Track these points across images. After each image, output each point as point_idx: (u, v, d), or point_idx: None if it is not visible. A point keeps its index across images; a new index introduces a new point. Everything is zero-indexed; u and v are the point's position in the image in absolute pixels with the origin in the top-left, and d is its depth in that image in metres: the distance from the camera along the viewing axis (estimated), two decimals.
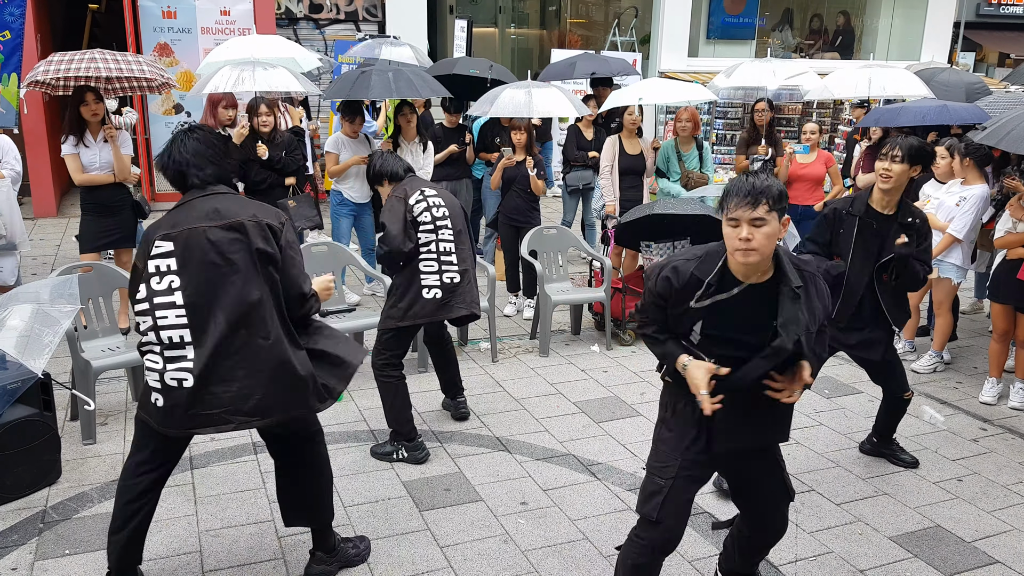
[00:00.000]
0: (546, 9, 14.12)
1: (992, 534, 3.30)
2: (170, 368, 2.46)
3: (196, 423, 2.49)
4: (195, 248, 2.45)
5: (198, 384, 2.44)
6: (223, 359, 2.45)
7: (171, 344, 2.45)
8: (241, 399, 2.48)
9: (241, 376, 2.47)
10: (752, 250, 2.20)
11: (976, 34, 15.54)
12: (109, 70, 4.83)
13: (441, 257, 3.77)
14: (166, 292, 2.44)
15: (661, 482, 2.41)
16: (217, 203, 2.52)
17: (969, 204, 4.72)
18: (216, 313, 2.44)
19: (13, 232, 4.69)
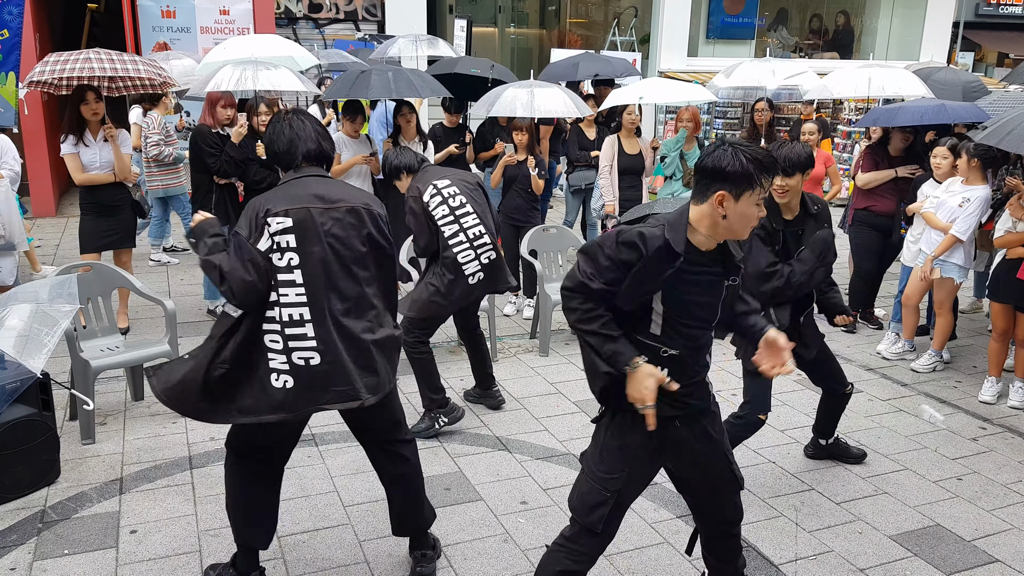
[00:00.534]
0: (546, 9, 14.12)
1: (992, 533, 3.30)
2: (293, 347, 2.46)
3: (332, 399, 2.51)
4: (312, 227, 2.47)
5: (324, 362, 2.47)
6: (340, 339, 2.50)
7: (291, 322, 2.46)
8: (358, 377, 2.52)
9: (355, 356, 2.52)
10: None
11: (975, 34, 15.55)
12: (104, 70, 4.82)
13: (475, 242, 3.93)
14: (286, 270, 2.45)
15: (607, 494, 2.27)
16: (327, 186, 2.58)
17: (973, 205, 4.72)
18: (330, 295, 2.49)
19: (12, 232, 4.69)
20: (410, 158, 4.08)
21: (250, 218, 2.48)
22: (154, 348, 4.10)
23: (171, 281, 6.60)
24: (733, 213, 2.14)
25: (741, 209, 2.14)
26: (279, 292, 2.46)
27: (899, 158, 5.69)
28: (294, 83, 5.65)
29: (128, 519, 3.23)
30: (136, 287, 4.19)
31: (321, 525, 3.22)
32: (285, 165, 2.63)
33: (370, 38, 10.13)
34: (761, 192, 2.14)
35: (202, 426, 4.04)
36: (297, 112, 2.69)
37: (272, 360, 2.47)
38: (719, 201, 2.14)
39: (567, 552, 2.33)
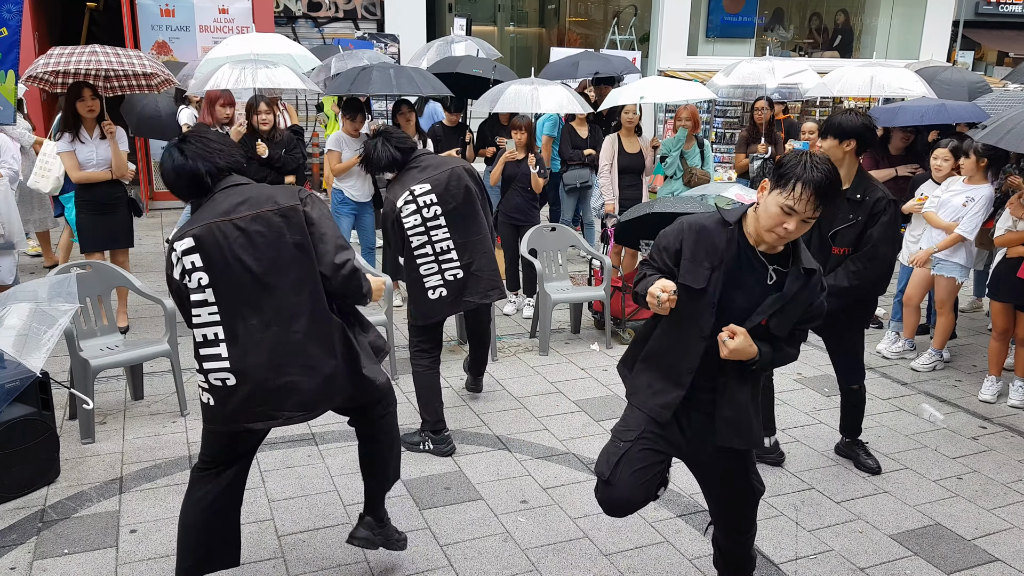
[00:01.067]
0: (545, 7, 14.11)
1: (992, 532, 3.30)
2: (208, 368, 2.39)
3: (249, 419, 2.43)
4: (216, 242, 2.33)
5: (239, 383, 2.38)
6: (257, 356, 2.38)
7: (206, 342, 2.38)
8: (283, 396, 2.41)
9: (277, 372, 2.40)
10: (787, 239, 2.21)
11: (975, 33, 15.55)
12: (111, 63, 4.80)
13: (440, 257, 3.72)
14: (198, 290, 2.34)
15: (620, 444, 2.40)
16: (234, 196, 2.41)
17: (978, 205, 4.71)
18: (243, 309, 2.36)
19: (11, 231, 4.68)
20: (387, 153, 3.67)
21: (168, 252, 2.41)
22: (154, 347, 4.10)
23: None
24: (763, 204, 2.21)
25: (769, 202, 2.19)
26: (192, 314, 2.37)
27: (899, 157, 5.69)
28: (293, 81, 5.65)
29: (128, 518, 3.22)
30: (136, 286, 4.19)
31: (321, 524, 3.22)
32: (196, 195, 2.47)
33: (369, 36, 10.11)
34: (787, 199, 2.14)
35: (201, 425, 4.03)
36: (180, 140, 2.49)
37: (199, 380, 2.44)
38: (761, 187, 2.24)
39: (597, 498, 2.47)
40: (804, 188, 2.12)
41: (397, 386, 4.58)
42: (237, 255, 2.34)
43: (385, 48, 10.06)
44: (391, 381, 2.78)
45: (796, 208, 2.15)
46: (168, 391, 4.37)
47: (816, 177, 2.12)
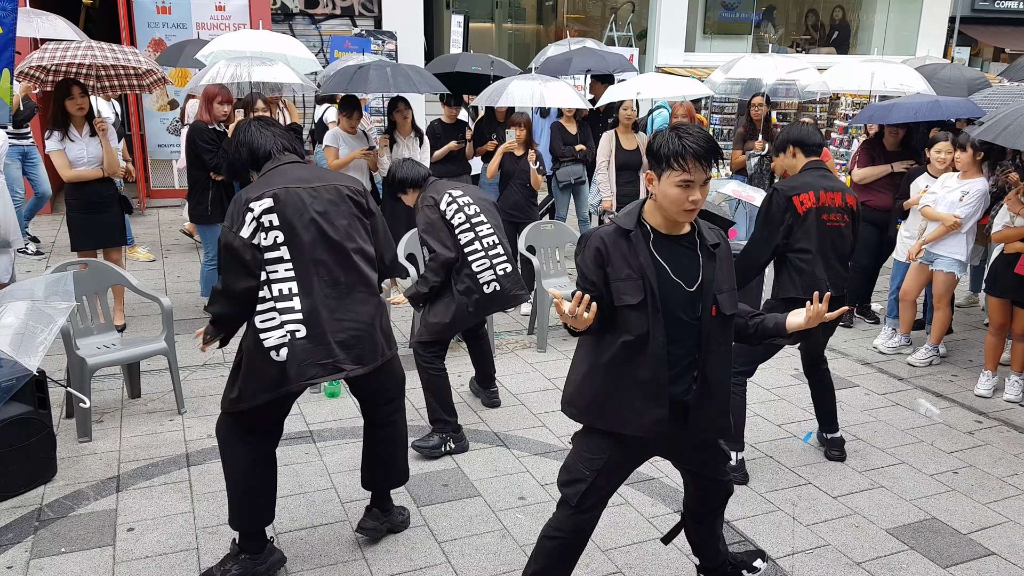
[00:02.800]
0: (543, 4, 14.10)
1: (988, 526, 3.31)
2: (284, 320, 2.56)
3: (316, 373, 2.59)
4: (294, 203, 2.58)
5: (309, 335, 2.57)
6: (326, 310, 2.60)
7: (281, 296, 2.56)
8: (344, 349, 2.62)
9: (339, 329, 2.62)
10: (698, 209, 2.24)
11: (971, 29, 15.57)
12: (107, 58, 4.79)
13: (489, 252, 3.84)
14: (272, 247, 2.55)
15: (586, 472, 2.36)
16: (305, 170, 2.70)
17: (972, 198, 4.73)
18: (315, 266, 2.59)
19: (7, 230, 4.66)
20: (415, 172, 3.94)
21: (231, 211, 2.58)
22: (150, 346, 4.10)
23: (167, 278, 6.59)
24: (660, 193, 2.24)
25: (665, 188, 2.22)
26: (267, 270, 2.56)
27: (895, 153, 5.69)
28: (290, 77, 5.63)
29: (125, 517, 3.22)
30: (132, 284, 4.18)
31: (319, 522, 3.22)
32: (256, 165, 2.74)
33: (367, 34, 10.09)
34: (680, 175, 2.18)
35: (199, 423, 4.04)
36: (248, 122, 2.79)
37: (266, 339, 2.57)
38: (648, 180, 2.28)
39: (551, 523, 2.45)
40: (689, 159, 2.18)
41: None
42: (312, 216, 2.60)
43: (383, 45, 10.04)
44: None
45: (693, 179, 2.19)
46: (165, 389, 4.37)
47: (693, 146, 2.18)
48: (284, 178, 2.63)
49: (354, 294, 2.66)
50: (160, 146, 9.12)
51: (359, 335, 2.66)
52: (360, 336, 2.66)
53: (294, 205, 2.58)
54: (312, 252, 2.59)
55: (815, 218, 3.41)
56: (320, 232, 2.61)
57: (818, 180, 3.47)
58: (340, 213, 2.66)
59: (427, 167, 4.06)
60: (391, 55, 9.98)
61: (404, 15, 10.50)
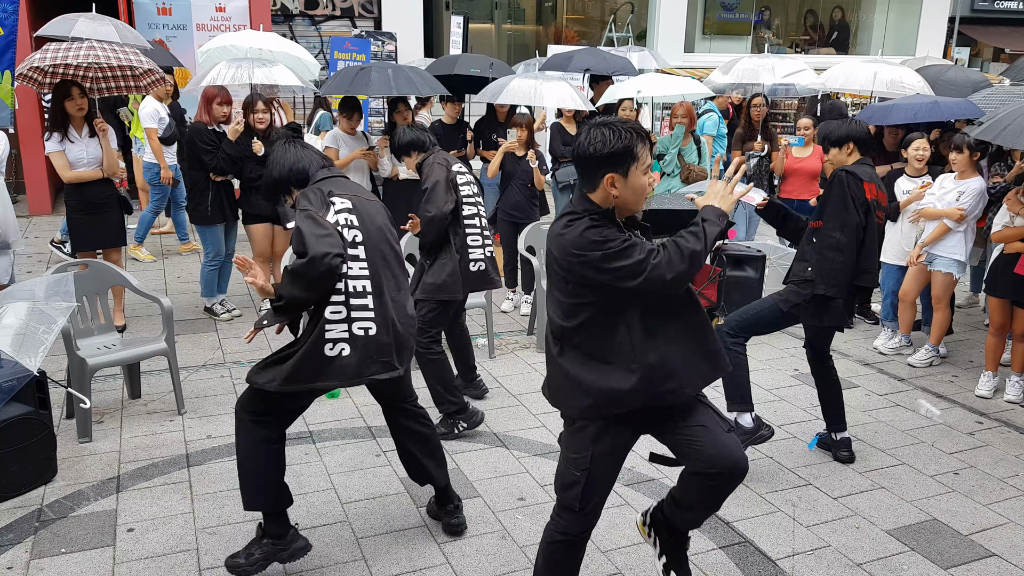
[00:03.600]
0: (542, 5, 14.11)
1: (988, 527, 3.31)
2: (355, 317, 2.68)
3: (376, 371, 2.71)
4: (364, 210, 2.78)
5: (378, 333, 2.71)
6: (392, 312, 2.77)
7: (356, 292, 2.68)
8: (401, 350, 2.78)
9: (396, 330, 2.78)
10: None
11: (971, 29, 15.57)
12: (109, 59, 4.79)
13: (484, 231, 3.97)
14: (351, 245, 2.70)
15: (576, 474, 2.33)
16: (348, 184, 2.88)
17: (967, 197, 4.73)
18: (384, 269, 2.78)
19: (7, 231, 4.67)
20: (423, 137, 3.99)
21: (315, 197, 2.72)
22: (151, 346, 4.10)
23: (167, 279, 6.59)
24: (630, 187, 2.20)
25: (634, 180, 2.19)
26: (347, 265, 2.68)
27: (894, 154, 5.70)
28: (290, 78, 5.64)
29: (125, 517, 3.22)
30: (132, 284, 4.18)
31: (319, 522, 3.22)
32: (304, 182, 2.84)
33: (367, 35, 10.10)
34: (645, 161, 2.19)
35: (199, 424, 4.04)
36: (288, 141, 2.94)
37: (329, 331, 2.64)
38: (610, 183, 2.18)
39: (554, 526, 2.43)
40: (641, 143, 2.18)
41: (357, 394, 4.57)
42: (379, 225, 2.81)
43: (382, 46, 10.05)
44: None
45: (648, 161, 2.22)
46: (165, 390, 4.37)
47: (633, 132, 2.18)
48: (348, 188, 2.83)
49: (408, 301, 2.89)
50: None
51: (408, 337, 2.85)
52: (406, 340, 2.84)
53: (366, 212, 2.79)
54: (381, 257, 2.78)
55: (869, 210, 3.48)
56: (385, 241, 2.82)
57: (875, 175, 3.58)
58: (391, 227, 2.90)
59: (433, 138, 4.11)
60: (391, 56, 9.99)
61: (404, 16, 10.52)
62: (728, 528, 3.24)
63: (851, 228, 3.43)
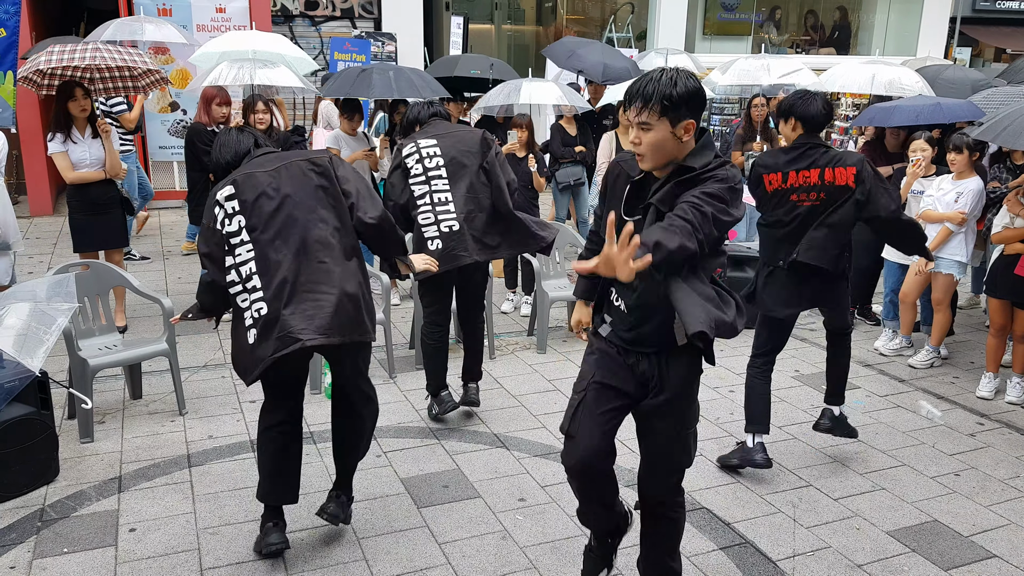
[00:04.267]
0: (542, 5, 14.11)
1: (989, 528, 3.31)
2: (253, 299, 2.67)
3: (276, 348, 2.64)
4: (253, 185, 2.70)
5: (271, 311, 2.65)
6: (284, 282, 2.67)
7: (245, 277, 2.68)
8: (305, 320, 2.64)
9: (302, 300, 2.66)
10: (640, 155, 2.20)
11: (972, 29, 15.57)
12: (114, 59, 4.80)
13: (437, 207, 3.79)
14: (236, 232, 2.67)
15: (576, 396, 2.42)
16: (270, 157, 2.81)
17: (966, 198, 4.73)
18: (274, 241, 2.66)
19: (7, 232, 4.67)
20: (421, 112, 3.99)
21: (206, 208, 2.75)
22: (152, 347, 4.10)
23: (168, 279, 6.60)
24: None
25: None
26: (235, 255, 2.67)
27: (897, 155, 5.70)
28: (291, 80, 5.64)
29: (127, 517, 3.23)
30: (134, 285, 4.19)
31: (320, 522, 3.22)
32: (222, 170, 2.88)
33: (367, 35, 10.10)
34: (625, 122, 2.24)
35: (201, 424, 4.04)
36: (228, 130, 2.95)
37: (245, 320, 2.69)
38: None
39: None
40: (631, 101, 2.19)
41: (395, 384, 4.59)
42: (264, 191, 2.69)
43: (382, 47, 10.06)
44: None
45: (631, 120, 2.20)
46: (167, 390, 4.38)
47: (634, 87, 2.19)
48: (248, 167, 2.76)
49: (319, 264, 2.68)
50: (161, 148, 9.13)
51: (321, 305, 2.65)
52: (322, 306, 2.65)
53: (251, 184, 2.69)
54: (272, 230, 2.67)
55: (781, 198, 3.47)
56: (272, 202, 2.68)
57: (791, 162, 3.44)
58: (295, 180, 2.72)
59: (438, 106, 4.07)
60: (391, 57, 10.00)
61: (404, 17, 10.52)
62: (728, 529, 3.24)
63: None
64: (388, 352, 4.72)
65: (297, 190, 2.71)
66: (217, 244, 2.69)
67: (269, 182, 2.70)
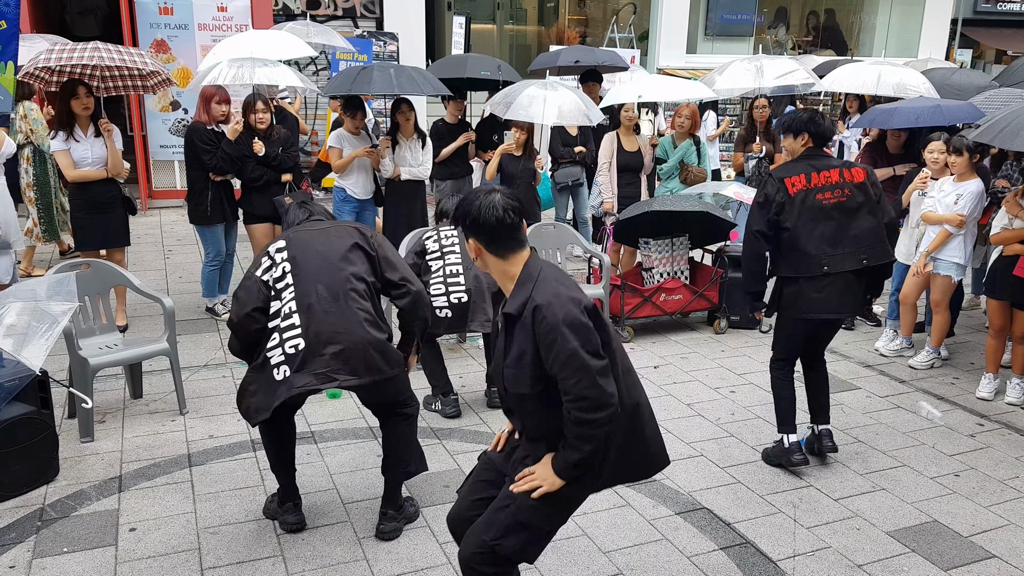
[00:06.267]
0: (544, 5, 14.10)
1: (989, 529, 3.31)
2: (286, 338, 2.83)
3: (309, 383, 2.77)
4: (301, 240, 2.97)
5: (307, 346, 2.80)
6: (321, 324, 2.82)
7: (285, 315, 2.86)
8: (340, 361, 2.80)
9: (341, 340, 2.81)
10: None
11: (973, 31, 15.55)
12: (113, 60, 4.80)
13: (448, 279, 4.05)
14: (281, 277, 2.89)
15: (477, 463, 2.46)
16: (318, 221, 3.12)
17: (965, 199, 4.73)
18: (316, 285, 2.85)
19: (8, 231, 4.68)
20: (451, 206, 4.24)
21: (255, 257, 3.00)
22: (152, 346, 4.10)
23: (169, 278, 6.60)
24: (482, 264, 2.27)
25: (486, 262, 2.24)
26: (281, 298, 2.86)
27: (898, 156, 5.70)
28: (292, 79, 5.64)
29: (127, 517, 3.23)
30: (134, 285, 4.19)
31: (321, 523, 3.22)
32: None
33: (368, 35, 10.10)
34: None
35: (201, 424, 4.05)
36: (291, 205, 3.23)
37: (271, 357, 2.81)
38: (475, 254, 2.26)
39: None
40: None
41: None
42: (312, 244, 2.94)
43: (384, 46, 10.06)
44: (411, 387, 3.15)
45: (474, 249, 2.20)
46: (167, 390, 4.38)
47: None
48: (301, 226, 3.07)
49: (351, 312, 2.83)
50: (162, 147, 9.13)
51: (354, 349, 2.81)
52: (354, 350, 2.81)
53: (301, 240, 2.95)
54: (313, 275, 2.85)
55: (805, 199, 3.51)
56: (321, 258, 2.89)
57: (810, 165, 3.58)
58: (343, 243, 2.94)
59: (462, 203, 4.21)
60: (392, 56, 10.00)
61: (406, 16, 10.52)
62: (729, 529, 3.24)
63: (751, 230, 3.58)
64: None
65: (338, 240, 2.95)
66: (255, 285, 2.88)
67: (317, 236, 2.97)
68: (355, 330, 2.81)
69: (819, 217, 3.50)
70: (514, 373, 2.11)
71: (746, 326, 5.70)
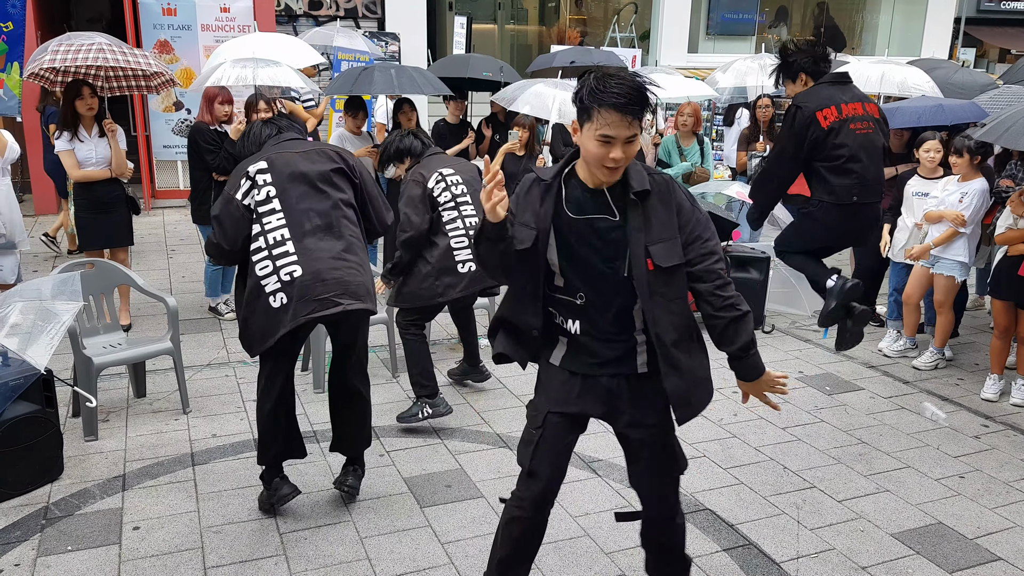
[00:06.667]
0: (545, 5, 14.09)
1: (994, 531, 3.30)
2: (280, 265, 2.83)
3: (314, 309, 2.80)
4: (285, 162, 2.92)
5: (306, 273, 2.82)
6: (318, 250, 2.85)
7: (276, 243, 2.84)
8: (339, 286, 2.84)
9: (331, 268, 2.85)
10: (621, 168, 2.02)
11: (977, 30, 15.52)
12: (117, 61, 4.82)
13: (470, 232, 3.88)
14: (265, 201, 2.86)
15: (532, 431, 2.32)
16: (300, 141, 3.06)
17: (969, 198, 4.73)
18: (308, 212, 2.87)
19: (13, 231, 4.68)
20: (413, 143, 4.03)
21: (233, 177, 2.93)
22: (156, 345, 4.11)
23: (172, 278, 6.60)
24: (581, 143, 2.05)
25: (585, 140, 2.02)
26: (263, 222, 2.84)
27: (900, 155, 5.69)
28: (294, 79, 5.65)
29: (131, 515, 3.23)
30: (138, 284, 4.20)
31: (323, 522, 3.22)
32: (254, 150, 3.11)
33: (370, 35, 10.10)
34: (600, 128, 1.94)
35: (204, 423, 4.05)
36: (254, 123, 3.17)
37: (266, 285, 2.82)
38: (573, 128, 2.08)
39: (511, 501, 2.41)
40: (608, 112, 1.92)
41: (398, 384, 4.59)
42: (298, 168, 2.91)
43: (386, 46, 10.06)
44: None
45: (613, 134, 1.95)
46: (171, 389, 4.38)
47: (614, 99, 1.92)
48: (279, 147, 2.99)
49: (345, 240, 2.90)
50: (165, 147, 9.14)
51: (352, 274, 2.87)
52: (353, 275, 2.87)
53: (284, 163, 2.90)
54: (302, 201, 2.86)
55: (841, 129, 3.47)
56: (308, 183, 2.88)
57: (836, 92, 3.53)
58: (326, 166, 2.94)
59: (428, 140, 4.12)
60: (394, 56, 10.00)
61: (408, 17, 10.53)
62: (732, 530, 3.24)
63: (781, 159, 3.57)
64: (391, 352, 4.72)
65: (325, 164, 2.94)
66: (238, 212, 2.85)
67: (299, 160, 2.92)
68: (351, 257, 2.88)
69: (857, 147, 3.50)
70: (666, 246, 2.09)
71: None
